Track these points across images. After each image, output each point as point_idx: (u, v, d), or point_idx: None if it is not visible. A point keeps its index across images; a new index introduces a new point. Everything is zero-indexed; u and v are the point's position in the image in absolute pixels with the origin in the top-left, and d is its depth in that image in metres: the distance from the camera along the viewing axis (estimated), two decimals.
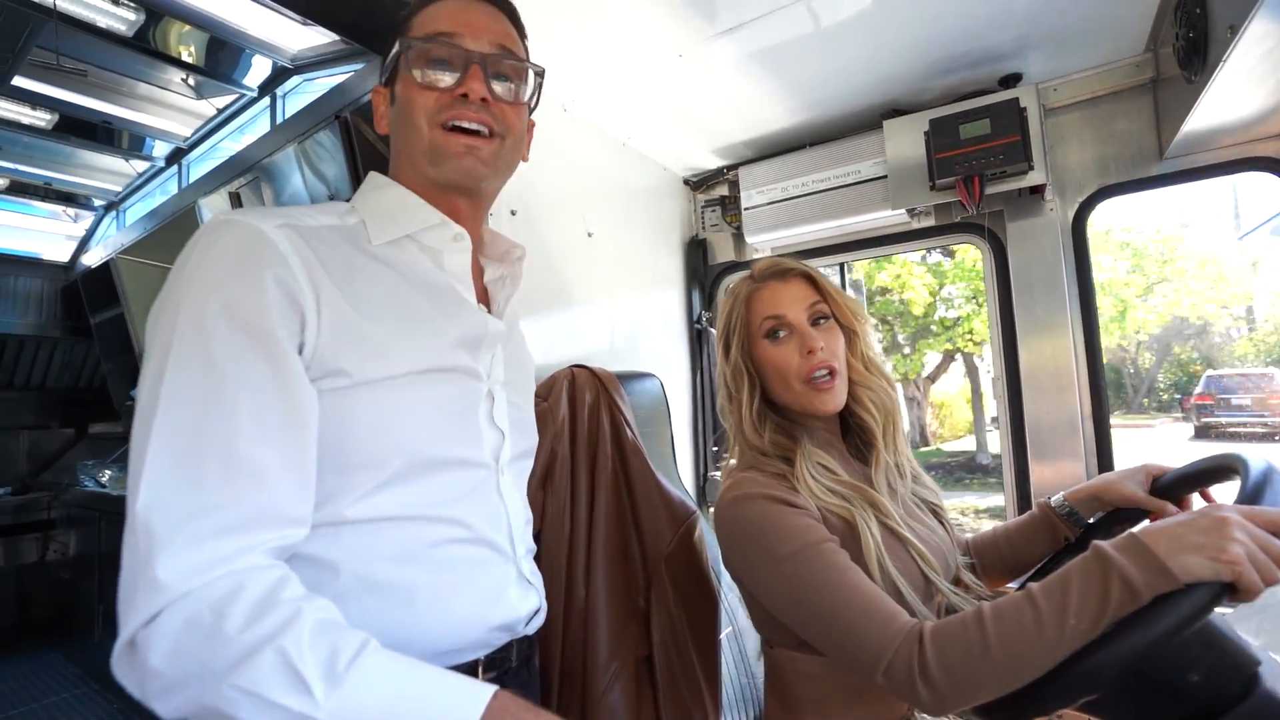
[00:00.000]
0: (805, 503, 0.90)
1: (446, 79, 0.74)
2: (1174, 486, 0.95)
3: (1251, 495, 0.73)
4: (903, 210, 1.61)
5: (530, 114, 0.84)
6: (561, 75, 1.43)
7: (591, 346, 1.57)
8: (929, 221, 1.68)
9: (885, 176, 1.60)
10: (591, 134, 1.63)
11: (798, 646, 0.91)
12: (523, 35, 0.84)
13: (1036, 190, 1.50)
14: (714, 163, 1.94)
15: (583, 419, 1.20)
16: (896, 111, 1.60)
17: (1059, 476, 1.51)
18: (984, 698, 0.70)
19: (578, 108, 1.53)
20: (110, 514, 3.18)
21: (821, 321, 1.01)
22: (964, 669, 0.69)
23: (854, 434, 1.07)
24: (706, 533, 1.26)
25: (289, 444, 0.59)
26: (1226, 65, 1.01)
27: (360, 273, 0.69)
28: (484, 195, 0.83)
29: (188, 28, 2.24)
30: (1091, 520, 1.02)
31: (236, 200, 2.56)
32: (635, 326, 1.76)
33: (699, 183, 2.00)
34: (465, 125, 0.74)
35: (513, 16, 0.82)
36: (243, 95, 2.67)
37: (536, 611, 0.83)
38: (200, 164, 3.12)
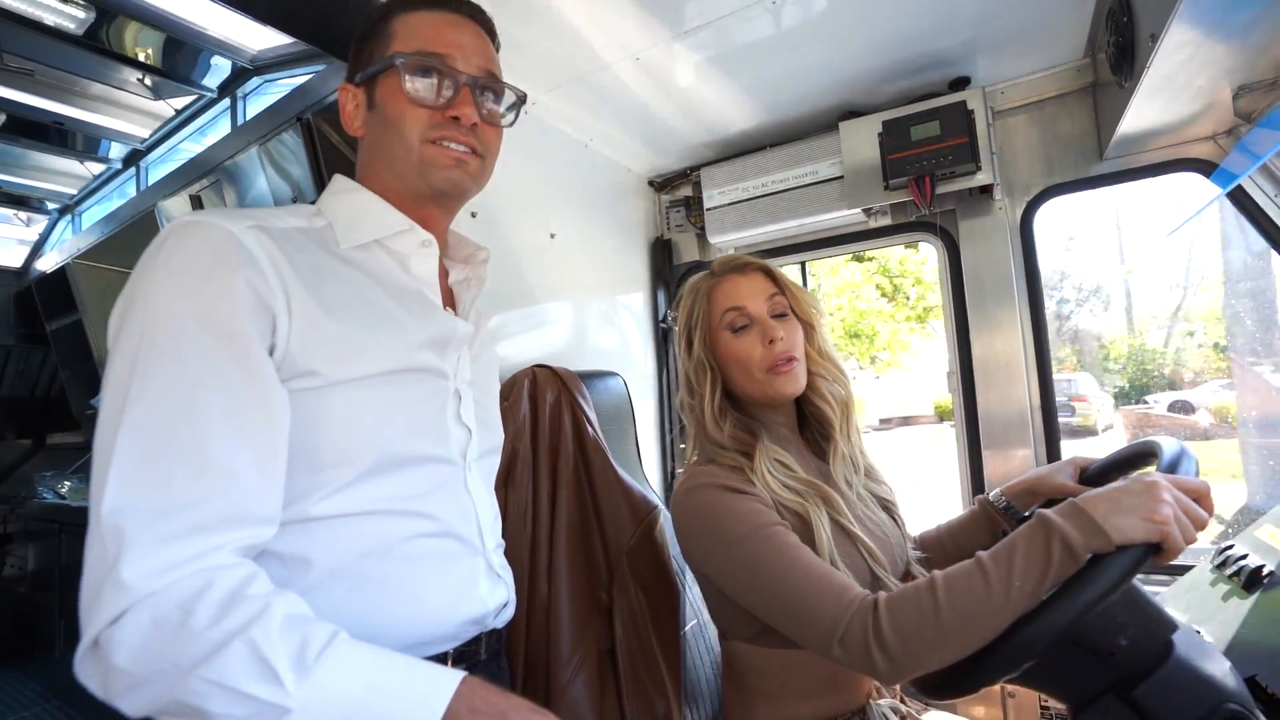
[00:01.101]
0: (759, 491, 0.92)
1: (439, 99, 0.76)
2: (1100, 475, 1.00)
3: (1169, 469, 0.79)
4: (859, 209, 1.65)
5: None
6: (520, 77, 1.43)
7: (556, 346, 1.58)
8: (885, 220, 1.73)
9: (842, 177, 1.64)
10: (553, 135, 1.64)
11: (753, 638, 0.94)
12: (497, 46, 0.87)
13: (986, 190, 1.55)
14: (677, 164, 1.96)
15: (544, 418, 1.22)
16: (853, 113, 1.64)
17: (1010, 465, 1.56)
18: (935, 664, 0.73)
19: (538, 109, 1.54)
20: (71, 525, 3.10)
21: (781, 317, 1.05)
22: (918, 634, 0.72)
23: (811, 426, 1.10)
24: (668, 527, 1.28)
25: (259, 444, 0.60)
26: (1150, 71, 1.06)
27: (330, 275, 0.70)
28: (458, 205, 0.86)
29: (142, 27, 2.19)
30: (1027, 514, 1.06)
31: (198, 203, 2.52)
32: (600, 326, 1.78)
33: (663, 183, 2.02)
34: (454, 145, 0.77)
35: (492, 35, 0.85)
36: (202, 96, 2.62)
37: (505, 604, 0.85)
38: (159, 166, 3.06)
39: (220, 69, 2.48)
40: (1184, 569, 1.26)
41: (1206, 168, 1.37)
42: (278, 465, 0.62)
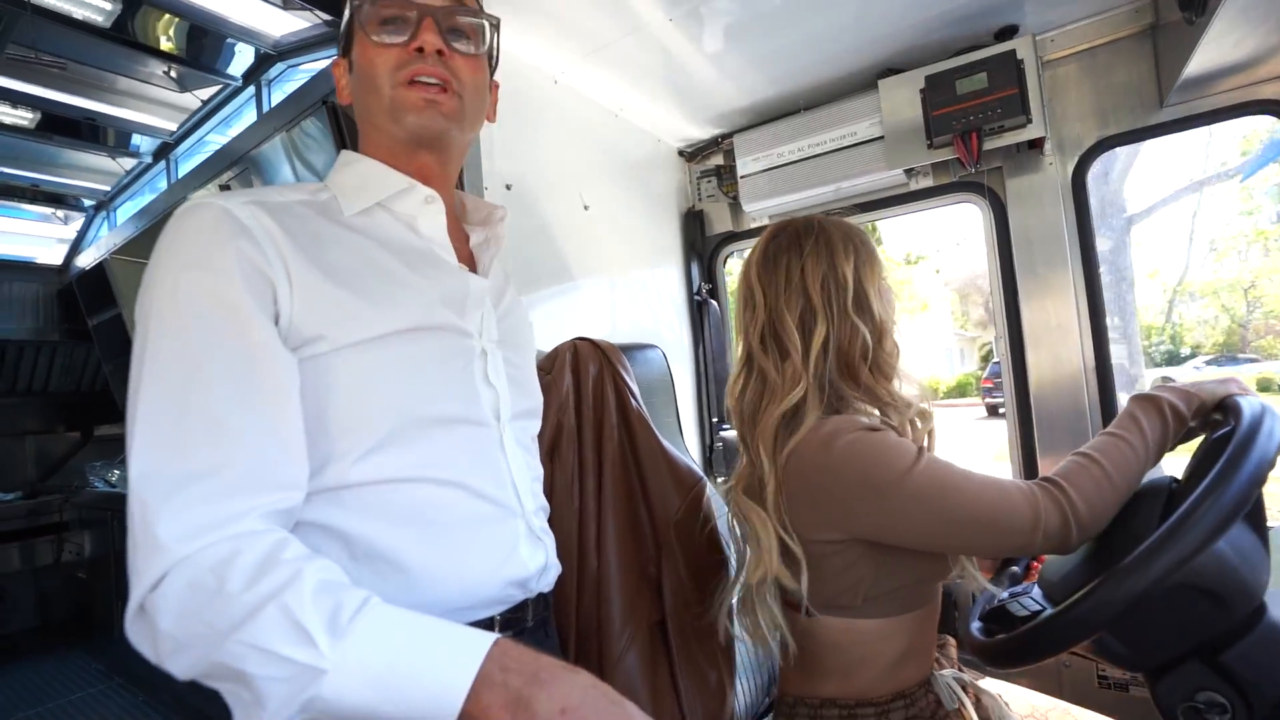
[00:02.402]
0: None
1: (400, 35, 0.74)
2: None
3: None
4: (900, 171, 1.60)
5: (491, 73, 0.84)
6: (551, 46, 1.41)
7: (592, 321, 1.56)
8: (927, 182, 1.67)
9: (882, 137, 1.58)
10: (584, 106, 1.61)
11: (856, 610, 0.90)
12: None
13: (1035, 144, 1.48)
14: (708, 132, 1.91)
15: (587, 390, 1.20)
16: (891, 71, 1.58)
17: (1061, 431, 1.51)
18: (1106, 522, 0.81)
19: (568, 79, 1.51)
20: (122, 513, 3.18)
21: None
22: (1100, 500, 0.79)
23: None
24: (714, 499, 1.26)
25: (269, 409, 0.60)
26: (1227, 3, 0.99)
27: (333, 242, 0.70)
28: (450, 151, 0.82)
29: (166, 16, 2.20)
30: None
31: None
32: (635, 300, 1.76)
33: (693, 154, 1.98)
34: (423, 79, 0.74)
35: None
36: (227, 85, 2.63)
37: (546, 567, 0.83)
38: (188, 159, 3.09)
39: (244, 56, 2.48)
40: (1277, 529, 1.21)
41: (1279, 108, 1.29)
42: (292, 430, 0.62)
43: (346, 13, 0.77)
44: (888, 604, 0.89)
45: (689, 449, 1.55)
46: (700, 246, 1.97)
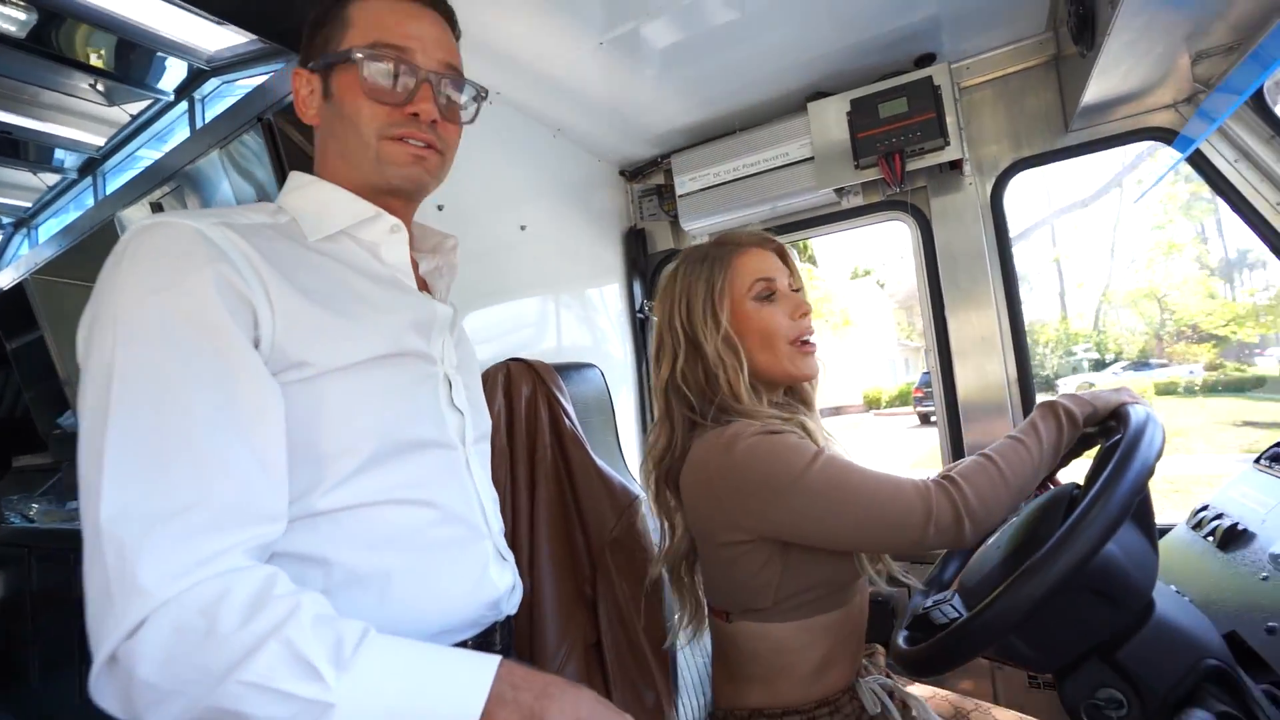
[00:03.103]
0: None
1: (398, 95, 0.74)
2: None
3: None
4: (831, 190, 1.65)
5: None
6: (487, 65, 1.41)
7: (530, 339, 1.56)
8: (858, 201, 1.73)
9: (812, 158, 1.63)
10: (521, 125, 1.62)
11: (767, 614, 0.92)
12: (458, 35, 0.84)
13: (955, 165, 1.56)
14: (647, 152, 1.94)
15: (520, 412, 1.20)
16: (820, 94, 1.64)
17: (988, 436, 1.57)
18: (1000, 520, 0.85)
19: (504, 99, 1.51)
20: (41, 550, 3.00)
21: (796, 292, 1.04)
22: (993, 496, 0.83)
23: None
24: (649, 516, 1.26)
25: (255, 438, 0.58)
26: (1110, 39, 1.06)
27: (304, 265, 0.69)
28: (419, 200, 0.85)
29: (91, 29, 2.12)
30: None
31: (159, 210, 2.45)
32: (576, 318, 1.76)
33: (634, 173, 2.00)
34: (412, 142, 0.75)
35: (453, 24, 0.83)
36: (158, 100, 2.55)
37: (514, 587, 0.85)
38: (117, 175, 2.98)
39: (176, 71, 2.42)
40: (1164, 530, 1.27)
41: (1168, 135, 1.38)
42: (278, 459, 0.60)
43: (334, 42, 0.75)
44: (800, 606, 0.91)
45: (630, 466, 1.55)
46: (643, 264, 2.00)
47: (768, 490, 0.85)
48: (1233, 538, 1.06)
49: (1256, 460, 1.21)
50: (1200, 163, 1.34)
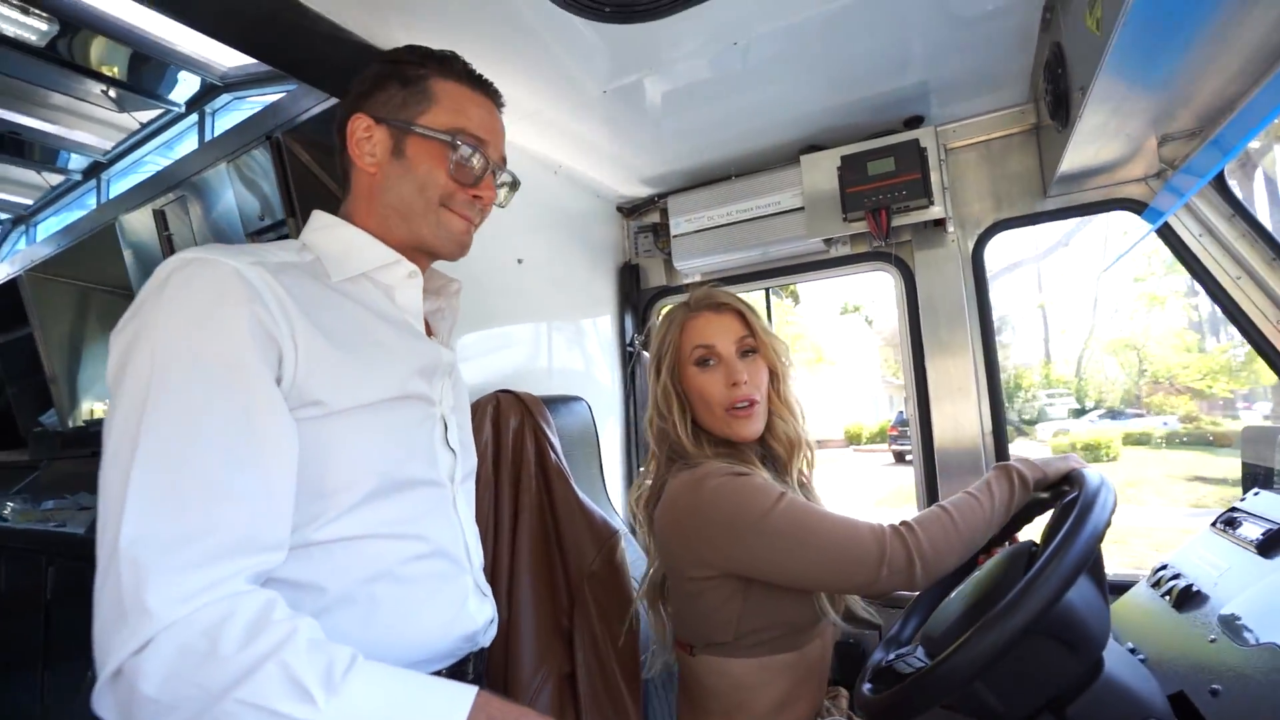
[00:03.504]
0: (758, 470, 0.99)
1: (467, 176, 0.84)
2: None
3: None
4: (820, 239, 1.71)
5: None
6: None
7: (522, 370, 1.59)
8: (846, 250, 1.79)
9: (803, 208, 1.70)
10: (523, 161, 1.67)
11: (728, 649, 0.96)
12: None
13: (939, 223, 1.63)
14: (645, 191, 2.01)
15: (507, 443, 1.23)
16: (814, 147, 1.71)
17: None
18: (952, 566, 0.92)
19: (508, 135, 1.57)
20: (10, 550, 2.96)
21: (749, 355, 1.09)
22: (945, 543, 0.90)
23: (769, 462, 1.14)
24: (629, 550, 1.29)
25: (268, 473, 0.62)
26: (1082, 120, 1.13)
27: (326, 306, 0.74)
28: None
29: (108, 42, 2.17)
30: None
31: (161, 218, 2.48)
32: (567, 350, 1.80)
33: (631, 210, 2.06)
34: (468, 218, 0.86)
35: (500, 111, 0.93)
36: (168, 111, 2.60)
37: (492, 620, 0.89)
38: (121, 179, 3.01)
39: (188, 84, 2.47)
40: (1125, 587, 1.32)
41: (1138, 207, 1.46)
42: (287, 493, 0.64)
43: (412, 99, 0.83)
44: (759, 644, 0.95)
45: (613, 500, 1.58)
46: (636, 299, 2.04)
47: (732, 528, 0.91)
48: (1187, 598, 1.10)
49: (1212, 524, 1.25)
50: (1168, 235, 1.41)
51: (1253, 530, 1.12)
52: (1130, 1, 0.80)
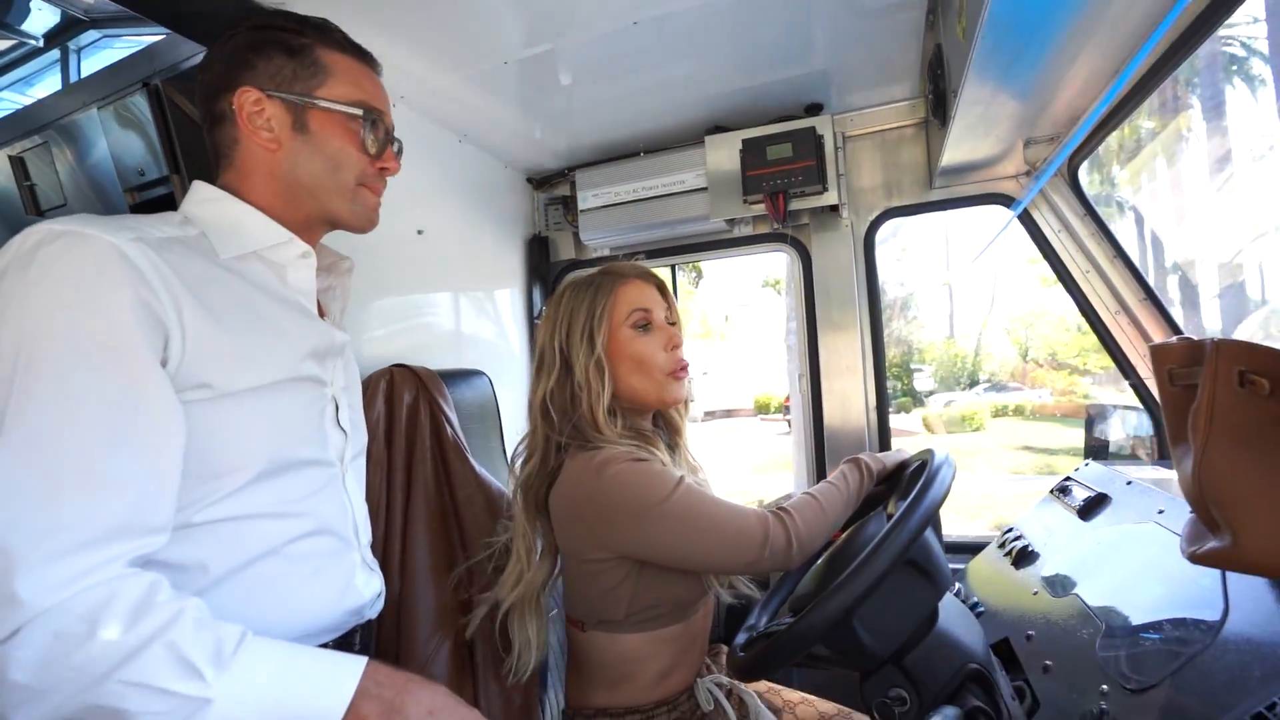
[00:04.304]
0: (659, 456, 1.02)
1: (374, 151, 0.85)
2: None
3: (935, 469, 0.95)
4: (722, 219, 1.76)
5: None
6: (393, 68, 1.40)
7: (421, 343, 1.57)
8: (749, 230, 1.85)
9: (707, 188, 1.74)
10: (424, 129, 1.62)
11: (619, 625, 1.01)
12: None
13: (834, 208, 1.70)
14: (555, 163, 1.99)
15: (400, 418, 1.22)
16: (719, 128, 1.74)
17: (847, 451, 1.73)
18: (819, 545, 1.01)
19: (408, 102, 1.51)
20: None
21: (673, 326, 1.13)
22: (816, 526, 0.99)
23: (661, 431, 1.18)
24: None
25: (152, 457, 0.61)
26: (956, 119, 1.22)
27: (214, 285, 0.71)
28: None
29: None
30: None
31: (20, 165, 2.24)
32: (471, 322, 1.78)
33: (541, 181, 2.04)
34: (377, 193, 0.88)
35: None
36: (22, 43, 2.32)
37: (379, 594, 0.91)
38: None
39: (46, 15, 2.20)
40: (979, 547, 1.47)
41: (1009, 201, 1.58)
42: (172, 477, 0.63)
43: (301, 72, 0.81)
44: (648, 619, 1.01)
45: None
46: (544, 271, 2.04)
47: (630, 514, 0.94)
48: (1023, 557, 1.25)
49: (1050, 491, 1.42)
50: (1033, 229, 1.55)
51: (1079, 496, 1.28)
52: (985, 16, 0.86)
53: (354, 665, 0.64)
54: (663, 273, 1.41)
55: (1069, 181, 1.43)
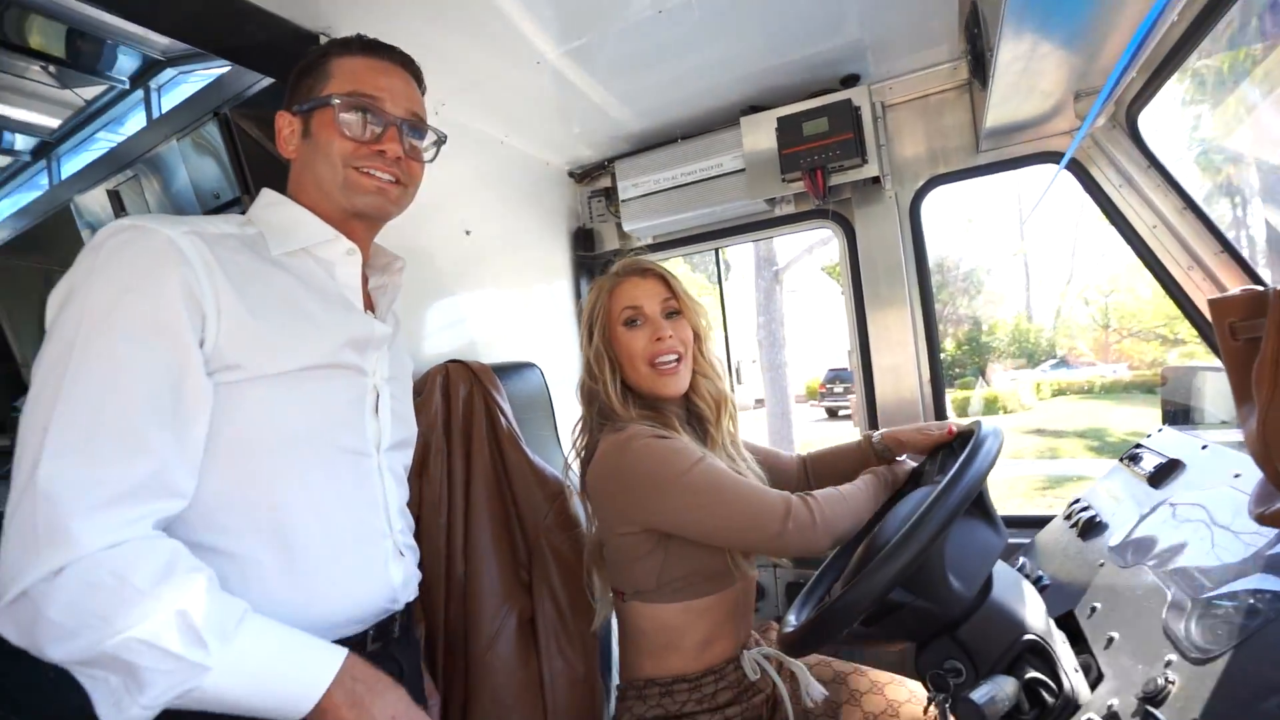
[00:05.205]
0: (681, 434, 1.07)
1: (367, 134, 0.86)
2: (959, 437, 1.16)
3: (980, 441, 0.92)
4: (762, 200, 1.75)
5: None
6: (432, 77, 1.46)
7: (475, 340, 1.64)
8: (790, 209, 1.83)
9: (744, 170, 1.73)
10: (467, 134, 1.68)
11: (652, 595, 1.05)
12: (423, 86, 0.97)
13: (876, 180, 1.66)
14: (596, 155, 2.02)
15: (458, 411, 1.29)
16: (754, 108, 1.73)
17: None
18: (842, 531, 1.02)
19: (450, 109, 1.58)
20: None
21: (674, 316, 1.17)
22: (837, 512, 1.01)
23: (694, 420, 1.21)
24: (578, 503, 1.37)
25: (181, 427, 0.69)
26: (996, 78, 1.17)
27: (258, 277, 0.78)
28: (380, 225, 0.96)
29: (40, 19, 2.11)
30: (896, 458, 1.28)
31: (116, 199, 2.46)
32: (522, 316, 1.84)
33: (583, 175, 2.08)
34: (377, 173, 0.87)
35: (419, 80, 0.96)
36: (113, 87, 2.54)
37: (410, 578, 0.94)
38: (72, 158, 2.95)
39: (130, 59, 2.40)
40: (1046, 520, 1.42)
41: (1058, 158, 1.51)
42: (196, 446, 0.70)
43: (314, 89, 0.87)
44: (680, 590, 1.04)
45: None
46: (590, 263, 2.08)
47: (652, 487, 0.99)
48: (1090, 528, 1.20)
49: (1120, 459, 1.35)
50: (1092, 187, 1.47)
51: (1149, 463, 1.22)
52: None
53: (335, 656, 0.70)
54: (703, 258, 1.41)
55: (1128, 131, 1.35)
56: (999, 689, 0.80)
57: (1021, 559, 1.30)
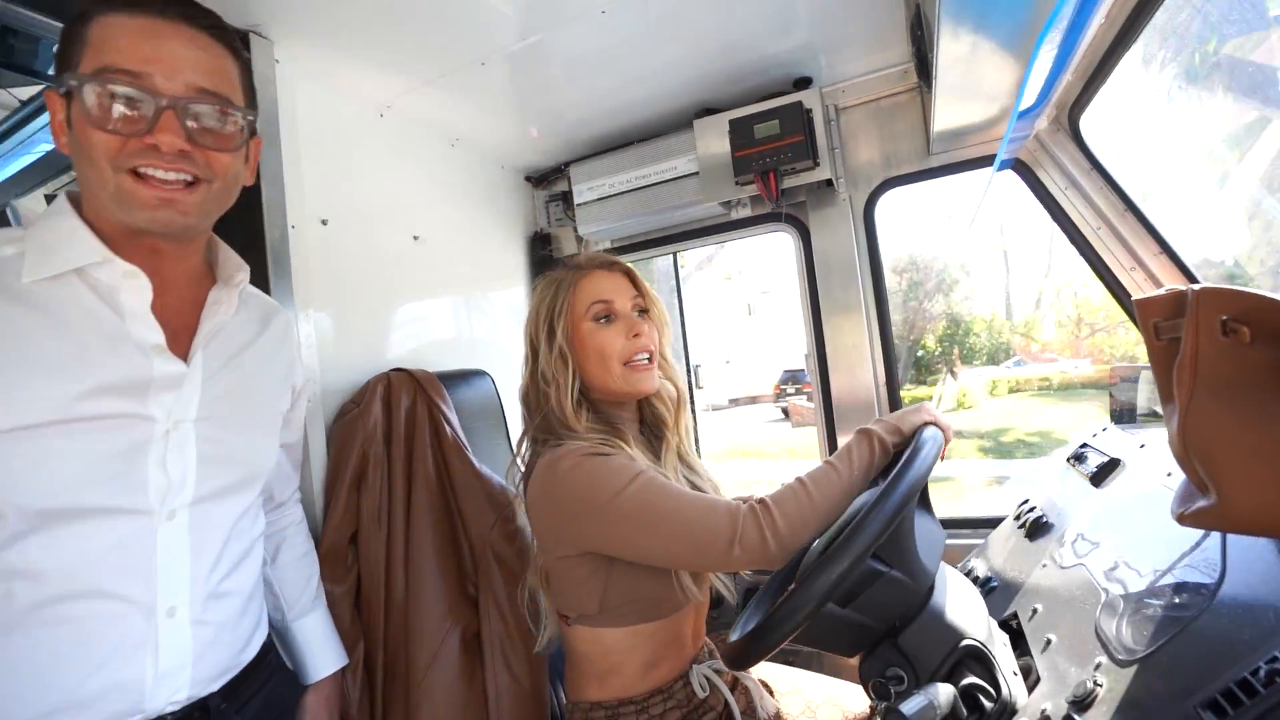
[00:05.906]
0: (623, 449, 0.98)
1: (135, 125, 0.66)
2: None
3: None
4: (716, 203, 1.74)
5: (251, 135, 0.77)
6: (378, 78, 1.43)
7: (423, 347, 1.60)
8: (746, 212, 1.82)
9: (698, 173, 1.72)
10: (415, 136, 1.64)
11: (594, 620, 1.01)
12: (233, 48, 0.75)
13: (829, 183, 1.67)
14: (551, 159, 2.00)
15: (399, 421, 1.25)
16: (708, 111, 1.72)
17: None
18: (808, 540, 0.90)
19: (397, 110, 1.54)
20: None
21: (642, 314, 1.10)
22: (800, 518, 0.89)
23: (648, 425, 1.17)
24: (523, 515, 1.35)
25: None
26: (939, 79, 1.17)
27: None
28: (189, 242, 0.77)
29: None
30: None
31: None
32: (475, 323, 1.81)
33: (540, 179, 2.05)
34: (158, 174, 0.67)
35: (221, 38, 0.73)
36: (48, 84, 2.44)
37: (184, 667, 0.74)
38: (12, 161, 2.83)
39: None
40: (996, 521, 1.43)
41: (1014, 163, 1.52)
42: None
43: (72, 54, 0.67)
44: (625, 614, 0.99)
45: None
46: (547, 267, 2.05)
47: (584, 509, 0.92)
48: (1037, 528, 1.21)
49: (1066, 459, 1.36)
50: (1039, 189, 1.48)
51: (1092, 463, 1.23)
52: None
53: None
54: (664, 261, 1.40)
55: (1071, 134, 1.37)
56: (933, 698, 0.78)
57: (970, 561, 1.30)
